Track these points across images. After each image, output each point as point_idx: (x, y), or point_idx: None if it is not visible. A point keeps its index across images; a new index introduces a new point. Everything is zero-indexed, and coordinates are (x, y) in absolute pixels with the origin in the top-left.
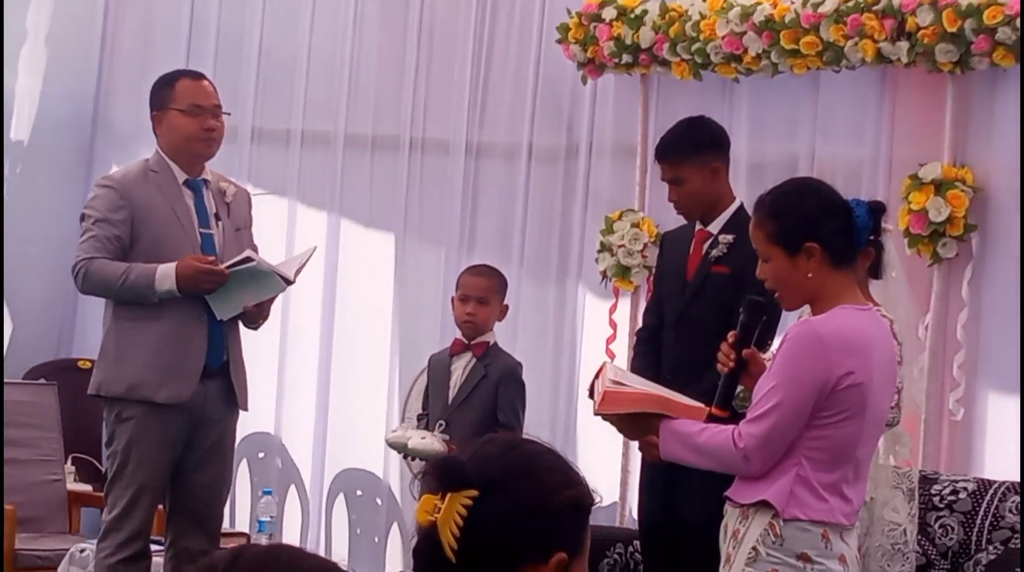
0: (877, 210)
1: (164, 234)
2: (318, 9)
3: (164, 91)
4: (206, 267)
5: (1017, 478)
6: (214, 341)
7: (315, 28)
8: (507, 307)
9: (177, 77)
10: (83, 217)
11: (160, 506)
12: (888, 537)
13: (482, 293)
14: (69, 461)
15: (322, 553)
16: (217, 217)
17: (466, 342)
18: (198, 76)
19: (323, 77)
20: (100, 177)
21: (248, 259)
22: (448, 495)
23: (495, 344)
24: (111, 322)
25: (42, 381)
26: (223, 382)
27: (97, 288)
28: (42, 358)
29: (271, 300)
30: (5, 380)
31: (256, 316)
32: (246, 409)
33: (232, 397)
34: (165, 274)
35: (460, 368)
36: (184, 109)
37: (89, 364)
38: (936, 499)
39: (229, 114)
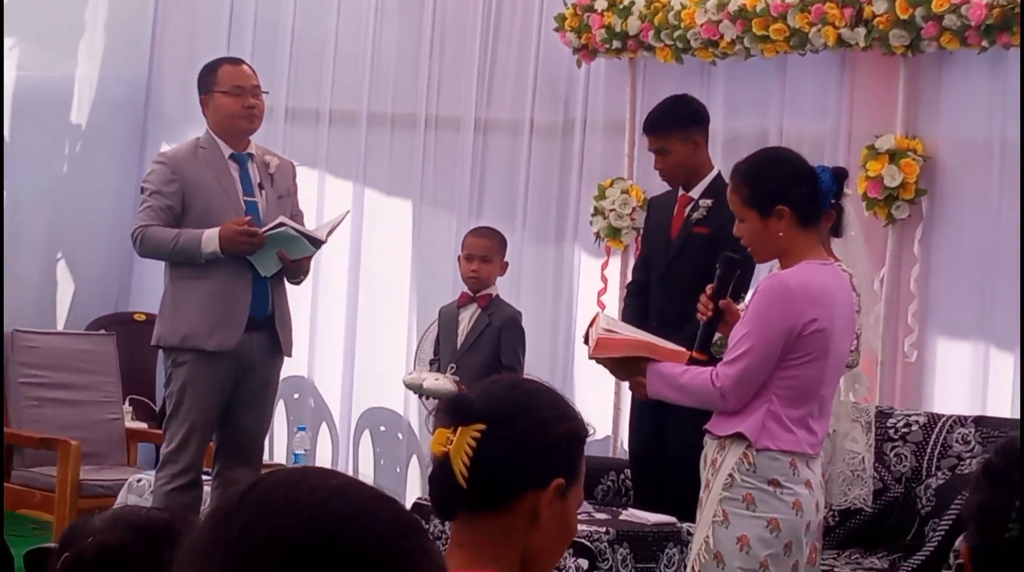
0: (840, 176)
1: (211, 203)
2: (343, 0)
3: (209, 77)
4: (243, 229)
5: (963, 412)
6: (258, 296)
7: (341, 17)
8: (507, 264)
9: (219, 63)
10: (141, 190)
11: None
12: (848, 464)
13: (484, 252)
14: (127, 402)
15: None
16: (261, 186)
17: (472, 295)
18: (237, 61)
19: (348, 62)
20: (156, 154)
21: (280, 224)
22: (459, 429)
23: (497, 296)
24: (168, 281)
25: (102, 332)
26: (268, 332)
27: (152, 251)
28: (102, 312)
29: (309, 258)
30: (70, 331)
31: (296, 271)
32: (290, 355)
33: (277, 345)
34: (210, 237)
35: (467, 318)
36: (227, 91)
37: (144, 317)
38: (891, 431)
39: (268, 92)
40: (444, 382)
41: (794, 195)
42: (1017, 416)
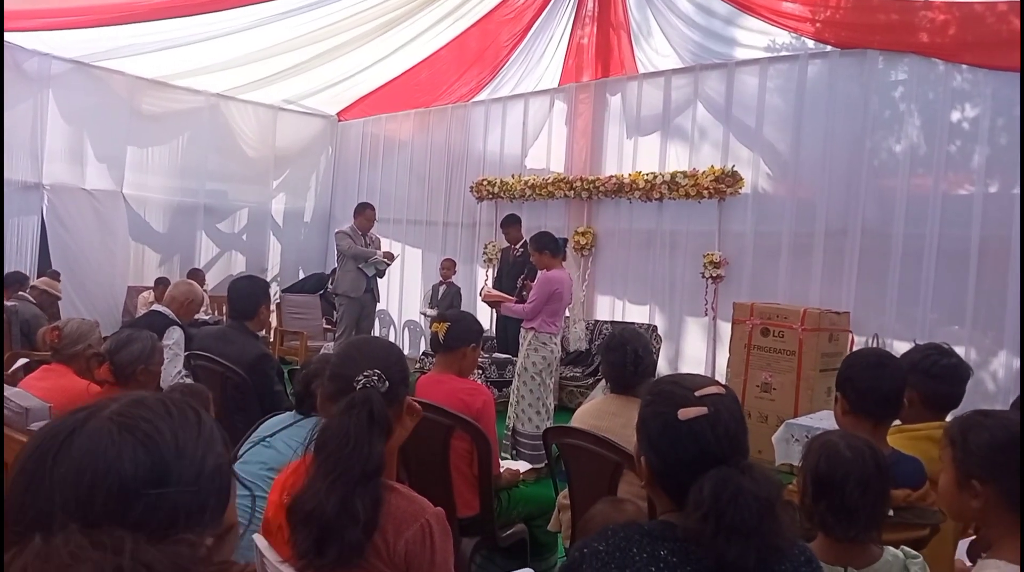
0: (565, 241)
1: (355, 249)
2: (397, 173)
3: (363, 210)
4: (388, 251)
5: (605, 318)
6: (368, 280)
7: (396, 182)
8: (456, 272)
9: (367, 207)
10: (341, 238)
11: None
12: (576, 336)
13: (449, 266)
14: (323, 318)
15: None
16: (369, 243)
17: (444, 280)
18: (374, 208)
19: (399, 199)
20: (336, 230)
21: (374, 255)
22: (441, 324)
23: (452, 281)
24: (339, 272)
25: (312, 294)
26: (372, 293)
27: (354, 254)
28: (315, 290)
29: (384, 269)
30: (304, 294)
31: (381, 273)
32: (379, 301)
33: (375, 297)
34: (374, 251)
35: (442, 290)
36: (366, 219)
37: (330, 289)
38: (587, 325)
39: (378, 220)
40: (433, 312)
41: (551, 246)
42: (617, 318)
